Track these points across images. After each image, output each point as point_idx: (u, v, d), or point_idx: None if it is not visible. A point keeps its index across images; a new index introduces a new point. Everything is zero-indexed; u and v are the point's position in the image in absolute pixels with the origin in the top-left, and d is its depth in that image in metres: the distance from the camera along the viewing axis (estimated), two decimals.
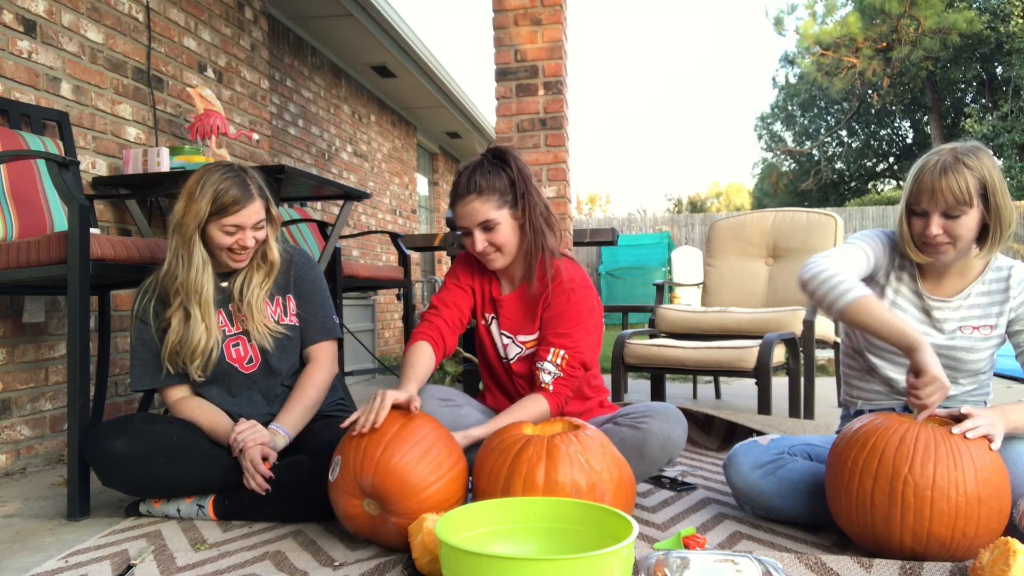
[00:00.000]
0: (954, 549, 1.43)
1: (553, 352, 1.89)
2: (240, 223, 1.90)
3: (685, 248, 11.66)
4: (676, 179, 71.19)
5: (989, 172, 1.64)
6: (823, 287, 1.71)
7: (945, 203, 1.63)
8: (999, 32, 16.98)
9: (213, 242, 1.92)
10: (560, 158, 3.72)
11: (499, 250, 1.93)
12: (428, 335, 1.95)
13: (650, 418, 1.85)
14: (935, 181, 1.63)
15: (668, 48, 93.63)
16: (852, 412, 1.95)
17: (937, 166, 1.64)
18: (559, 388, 1.88)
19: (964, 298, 1.77)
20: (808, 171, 22.20)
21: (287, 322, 2.04)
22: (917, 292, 1.81)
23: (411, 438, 1.56)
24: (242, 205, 1.89)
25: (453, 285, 2.06)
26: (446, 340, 1.97)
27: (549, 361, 1.88)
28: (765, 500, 1.74)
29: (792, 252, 3.48)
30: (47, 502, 2.13)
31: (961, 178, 1.62)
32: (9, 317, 2.55)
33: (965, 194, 1.62)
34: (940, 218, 1.65)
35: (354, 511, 1.58)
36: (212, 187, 1.88)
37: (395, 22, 5.80)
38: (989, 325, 1.76)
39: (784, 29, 19.92)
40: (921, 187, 1.66)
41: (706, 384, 4.55)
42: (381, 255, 7.17)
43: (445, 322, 1.98)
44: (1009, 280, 1.75)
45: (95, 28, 2.97)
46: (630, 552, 1.16)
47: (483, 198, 1.88)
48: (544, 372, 1.88)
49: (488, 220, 1.89)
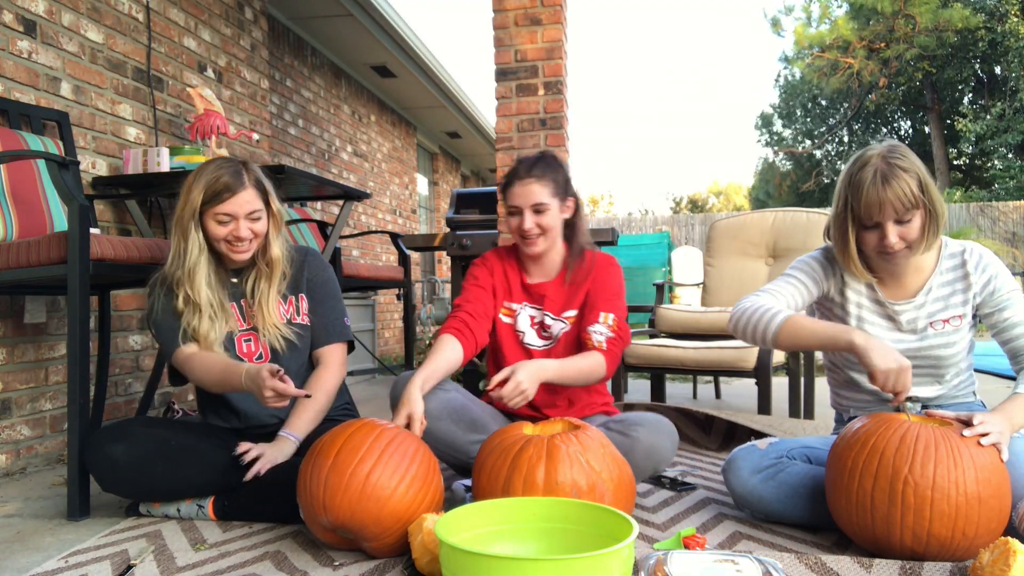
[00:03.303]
0: (954, 549, 1.43)
1: (604, 316, 2.02)
2: (232, 211, 1.89)
3: (685, 248, 11.65)
4: (676, 179, 71.23)
5: (919, 168, 1.66)
6: (748, 325, 1.75)
7: (895, 212, 1.63)
8: (995, 31, 16.99)
9: (210, 234, 1.92)
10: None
11: (543, 234, 2.04)
12: (453, 328, 2.02)
13: (640, 427, 1.90)
14: (881, 193, 1.62)
15: (668, 48, 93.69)
16: (846, 418, 1.94)
17: (877, 177, 1.63)
18: (612, 347, 2.00)
19: (926, 293, 1.77)
20: (808, 171, 22.21)
21: (299, 321, 2.04)
22: (878, 300, 1.80)
23: (350, 464, 1.50)
24: (233, 192, 1.88)
25: (475, 287, 2.12)
26: (475, 333, 2.03)
27: (601, 323, 2.01)
28: (765, 505, 1.74)
29: (792, 252, 3.47)
30: (47, 502, 2.13)
31: (903, 183, 1.62)
32: (9, 317, 2.55)
33: (912, 198, 1.62)
34: (895, 226, 1.65)
35: (329, 538, 1.59)
36: (205, 177, 1.89)
37: (395, 22, 5.80)
38: (958, 315, 1.75)
39: (782, 30, 19.94)
40: (868, 202, 1.64)
41: (706, 384, 4.55)
42: (381, 255, 7.17)
43: (471, 315, 2.05)
44: (966, 266, 1.75)
45: (95, 28, 2.97)
46: (630, 552, 1.16)
47: (542, 183, 2.02)
48: (596, 333, 2.00)
49: (542, 204, 2.02)
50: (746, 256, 3.60)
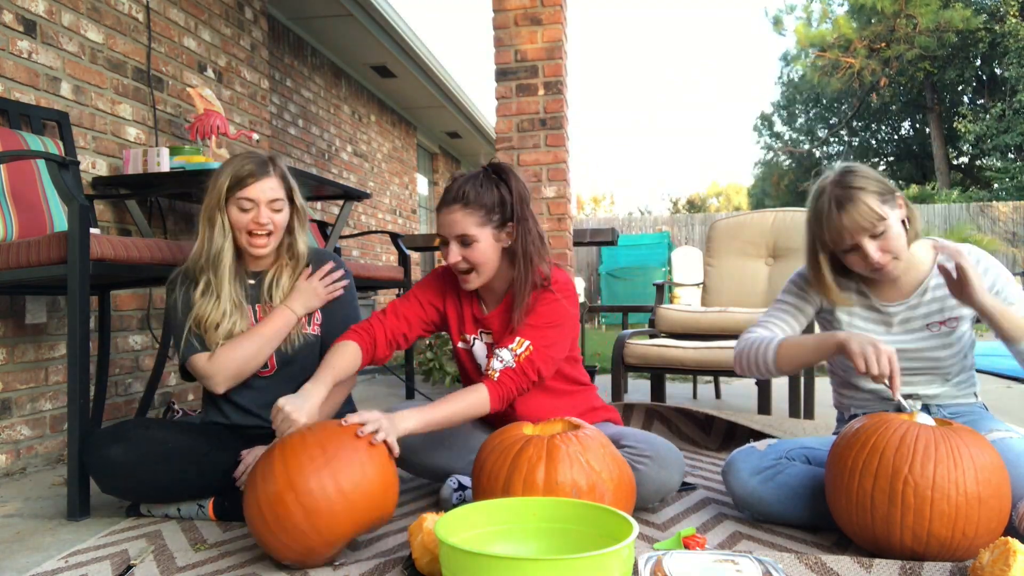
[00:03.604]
0: (954, 549, 1.43)
1: (517, 341, 1.78)
2: (254, 197, 1.90)
3: (685, 248, 11.66)
4: (676, 179, 71.20)
5: (874, 178, 1.68)
6: (749, 361, 1.77)
7: (864, 230, 1.66)
8: (995, 32, 16.99)
9: (233, 222, 1.93)
10: (560, 158, 3.72)
11: (473, 269, 1.82)
12: (361, 339, 1.86)
13: (649, 459, 1.79)
14: (844, 218, 1.66)
15: (668, 48, 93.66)
16: (847, 416, 1.95)
17: (833, 204, 1.67)
18: (505, 379, 1.75)
19: (921, 294, 1.77)
20: (808, 171, 22.20)
21: (308, 331, 2.02)
22: (870, 306, 1.82)
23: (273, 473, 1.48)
24: (257, 178, 1.90)
25: (414, 298, 1.97)
26: (378, 349, 1.88)
27: (509, 349, 1.77)
28: (765, 506, 1.74)
29: (792, 252, 3.47)
30: (47, 502, 2.13)
31: (861, 202, 1.65)
32: (10, 317, 2.55)
33: (876, 212, 1.65)
34: (871, 241, 1.67)
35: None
36: (232, 165, 1.93)
37: (395, 22, 5.80)
38: (955, 317, 1.75)
39: (783, 29, 19.91)
40: (834, 228, 1.69)
41: (706, 384, 4.55)
42: (381, 255, 7.17)
43: (386, 331, 1.90)
44: None
45: (95, 28, 2.97)
46: (630, 552, 1.16)
47: (467, 211, 1.78)
48: (497, 359, 1.76)
49: (467, 235, 1.78)
50: (746, 256, 3.60)
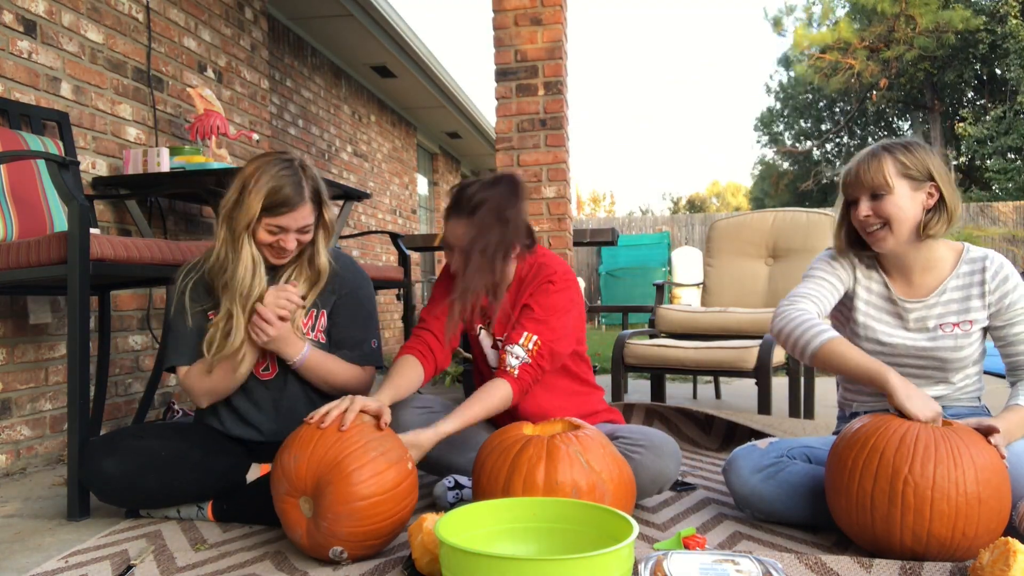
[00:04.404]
0: (954, 549, 1.43)
1: (526, 336, 1.84)
2: (285, 225, 1.81)
3: (685, 248, 11.67)
4: (676, 179, 71.22)
5: (918, 158, 1.70)
6: (791, 336, 1.75)
7: (865, 186, 1.71)
8: (995, 33, 16.99)
9: (257, 238, 1.84)
10: (560, 158, 3.72)
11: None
12: (416, 349, 1.90)
13: (644, 448, 1.81)
14: (856, 167, 1.74)
15: (668, 48, 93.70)
16: (848, 414, 1.95)
17: (864, 154, 1.75)
18: (524, 374, 1.82)
19: (940, 295, 1.77)
20: (808, 171, 22.21)
21: (312, 338, 1.94)
22: (889, 298, 1.81)
23: (360, 444, 1.49)
24: (292, 207, 1.80)
25: (440, 296, 2.00)
26: (436, 354, 1.91)
27: (520, 345, 1.83)
28: (766, 504, 1.74)
29: (792, 252, 3.48)
30: (47, 502, 2.13)
31: (879, 161, 1.71)
32: (10, 317, 2.55)
33: (884, 178, 1.69)
34: (867, 201, 1.72)
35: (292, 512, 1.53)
36: (267, 184, 1.79)
37: (395, 22, 5.80)
38: (969, 321, 1.75)
39: (783, 30, 19.92)
40: (847, 175, 1.77)
41: (706, 384, 4.55)
42: (381, 255, 7.17)
43: (434, 335, 1.92)
44: (984, 272, 1.74)
45: (95, 28, 2.97)
46: (630, 552, 1.16)
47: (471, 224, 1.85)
48: (512, 356, 1.83)
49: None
50: (746, 256, 3.60)
